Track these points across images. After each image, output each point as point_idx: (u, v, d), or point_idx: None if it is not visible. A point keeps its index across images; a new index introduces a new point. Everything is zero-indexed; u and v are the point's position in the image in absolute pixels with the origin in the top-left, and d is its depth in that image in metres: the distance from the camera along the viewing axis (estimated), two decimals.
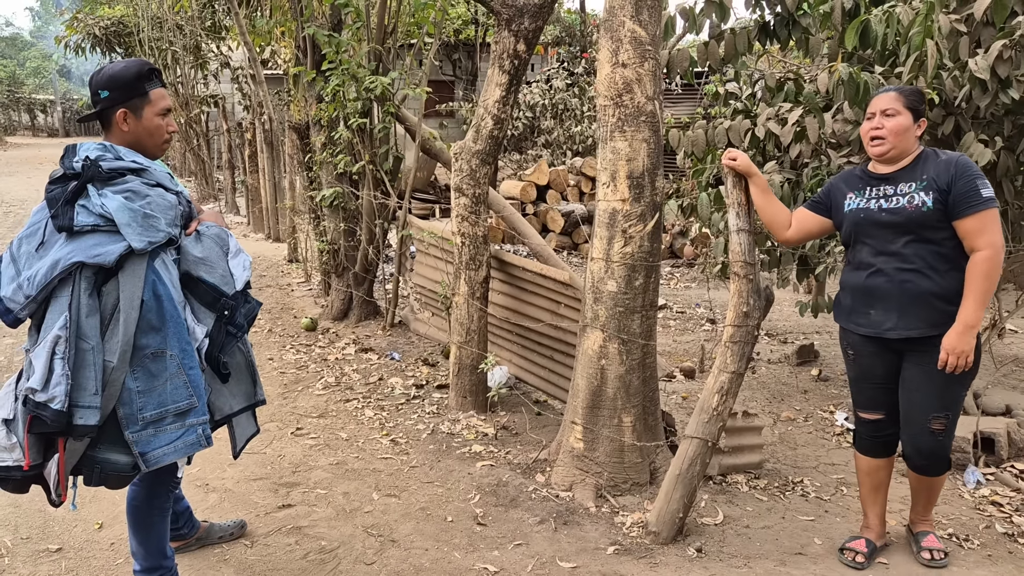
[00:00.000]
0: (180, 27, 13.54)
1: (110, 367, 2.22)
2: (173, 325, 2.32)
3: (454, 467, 3.96)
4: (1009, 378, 5.48)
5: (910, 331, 2.92)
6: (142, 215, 2.29)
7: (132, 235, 2.25)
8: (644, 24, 3.43)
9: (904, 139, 2.92)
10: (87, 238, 2.24)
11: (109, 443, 2.29)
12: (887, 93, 2.95)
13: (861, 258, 3.03)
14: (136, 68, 2.47)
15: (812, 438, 4.53)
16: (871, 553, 3.16)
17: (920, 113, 2.94)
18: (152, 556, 2.67)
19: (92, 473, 2.32)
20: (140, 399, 2.27)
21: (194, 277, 2.43)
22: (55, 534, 3.30)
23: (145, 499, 2.64)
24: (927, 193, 2.84)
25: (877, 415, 3.15)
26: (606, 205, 3.59)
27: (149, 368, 2.29)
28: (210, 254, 2.48)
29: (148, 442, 2.29)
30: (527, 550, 3.21)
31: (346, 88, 5.87)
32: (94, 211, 2.26)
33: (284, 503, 3.59)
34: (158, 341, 2.30)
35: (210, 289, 2.45)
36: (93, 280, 2.23)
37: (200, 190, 15.99)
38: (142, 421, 2.28)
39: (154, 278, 2.30)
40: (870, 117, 2.97)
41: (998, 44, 3.67)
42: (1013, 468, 4.02)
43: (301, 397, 5.01)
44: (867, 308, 3.02)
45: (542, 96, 13.13)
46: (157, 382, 2.30)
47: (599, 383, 3.66)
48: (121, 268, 2.25)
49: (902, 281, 2.90)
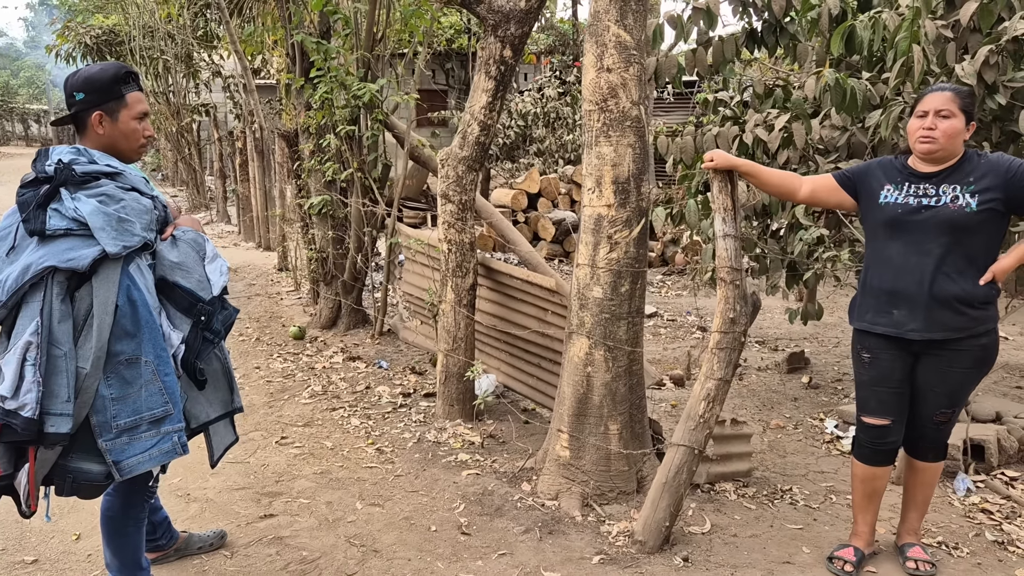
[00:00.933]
0: (172, 36, 13.52)
1: (83, 374, 2.17)
2: (148, 331, 2.28)
3: (439, 476, 3.92)
4: (999, 385, 5.46)
5: (933, 334, 2.88)
6: (116, 219, 2.25)
7: (106, 239, 2.21)
8: (629, 29, 3.42)
9: (955, 142, 2.84)
10: (60, 242, 2.20)
11: (82, 452, 2.24)
12: (942, 93, 2.85)
13: (890, 255, 2.95)
14: (113, 71, 2.43)
15: (802, 446, 4.49)
16: (859, 562, 3.13)
17: (972, 116, 2.86)
18: (127, 568, 2.62)
19: (64, 483, 2.27)
20: (114, 406, 2.23)
21: (170, 282, 2.39)
22: (31, 545, 3.25)
23: (120, 509, 2.59)
24: (973, 196, 2.79)
25: (884, 420, 3.04)
26: (591, 211, 3.56)
27: (123, 375, 2.25)
28: (186, 259, 2.44)
29: (122, 450, 2.25)
30: (511, 560, 3.16)
31: (335, 95, 5.85)
32: (67, 215, 2.22)
33: (266, 513, 3.54)
34: (133, 347, 2.26)
35: (186, 294, 2.41)
36: (66, 285, 2.19)
37: (192, 199, 15.96)
38: (116, 429, 2.24)
39: (128, 283, 2.26)
40: (922, 115, 2.87)
41: (984, 50, 3.66)
42: (1003, 475, 3.99)
43: (287, 406, 4.96)
44: (890, 308, 2.95)
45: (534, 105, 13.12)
46: (131, 389, 2.26)
47: (585, 390, 3.62)
48: (95, 273, 2.21)
49: (932, 283, 2.84)
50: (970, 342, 2.86)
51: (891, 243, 2.95)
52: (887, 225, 2.95)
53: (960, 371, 2.91)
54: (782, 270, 4.74)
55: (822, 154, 4.29)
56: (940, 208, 2.83)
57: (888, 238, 2.96)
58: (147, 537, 3.04)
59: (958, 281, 2.83)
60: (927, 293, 2.85)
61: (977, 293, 2.83)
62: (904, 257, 2.90)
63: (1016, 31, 3.62)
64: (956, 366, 2.91)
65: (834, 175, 3.16)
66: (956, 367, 2.91)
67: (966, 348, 2.87)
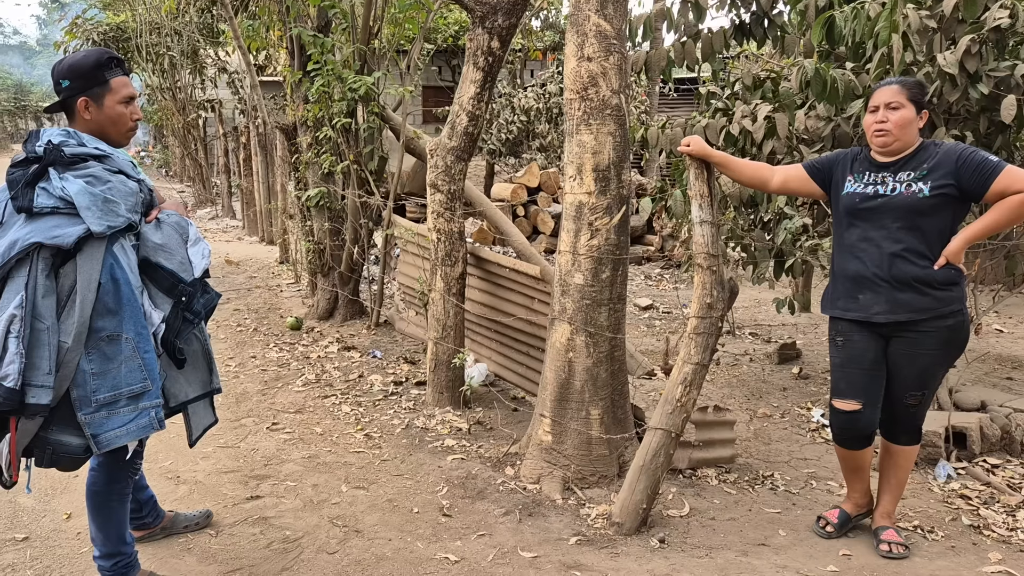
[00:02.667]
0: (178, 32, 13.63)
1: (64, 348, 2.24)
2: (129, 309, 2.34)
3: (425, 460, 3.98)
4: (990, 376, 5.48)
5: (898, 315, 2.95)
6: (102, 199, 2.31)
7: (92, 219, 2.27)
8: (609, 18, 3.46)
9: (907, 131, 2.95)
10: (46, 220, 2.27)
11: (62, 425, 2.31)
12: (889, 86, 2.97)
13: (851, 242, 3.05)
14: (95, 57, 2.49)
15: (787, 434, 4.53)
16: (843, 523, 3.25)
17: (922, 105, 2.96)
18: (111, 542, 2.68)
19: (44, 454, 2.34)
20: (94, 381, 2.30)
21: (152, 263, 2.46)
22: (23, 524, 3.32)
23: (104, 484, 2.65)
24: (925, 182, 2.89)
25: (855, 404, 3.08)
26: (572, 198, 3.61)
27: (104, 351, 2.31)
28: (169, 241, 2.51)
29: (101, 424, 2.32)
30: (490, 540, 3.22)
31: (331, 88, 5.91)
32: (55, 194, 2.29)
33: (253, 495, 3.61)
34: (114, 324, 2.32)
35: (168, 275, 2.47)
36: (51, 261, 2.26)
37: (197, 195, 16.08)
38: (95, 403, 2.30)
39: (112, 262, 2.33)
40: (873, 110, 2.99)
41: (966, 39, 3.69)
42: (985, 463, 4.02)
43: (280, 393, 5.03)
44: (856, 293, 3.04)
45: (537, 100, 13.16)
46: (112, 365, 2.32)
47: (567, 376, 3.67)
48: (79, 251, 2.28)
49: (891, 266, 2.93)
50: (936, 323, 2.92)
51: (852, 230, 3.05)
52: (848, 213, 3.06)
53: (927, 352, 2.97)
54: (769, 260, 4.77)
55: (807, 144, 4.33)
56: (895, 196, 2.93)
57: (849, 226, 3.07)
58: (133, 515, 3.12)
59: (918, 263, 2.91)
60: (887, 276, 2.94)
61: (936, 275, 2.90)
62: (864, 243, 3.00)
63: (997, 20, 3.65)
64: (923, 348, 2.96)
65: (804, 165, 3.25)
66: (923, 349, 2.96)
67: (932, 329, 2.93)
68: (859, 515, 3.33)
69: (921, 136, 3.04)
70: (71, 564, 3.01)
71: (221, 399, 4.88)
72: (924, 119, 2.98)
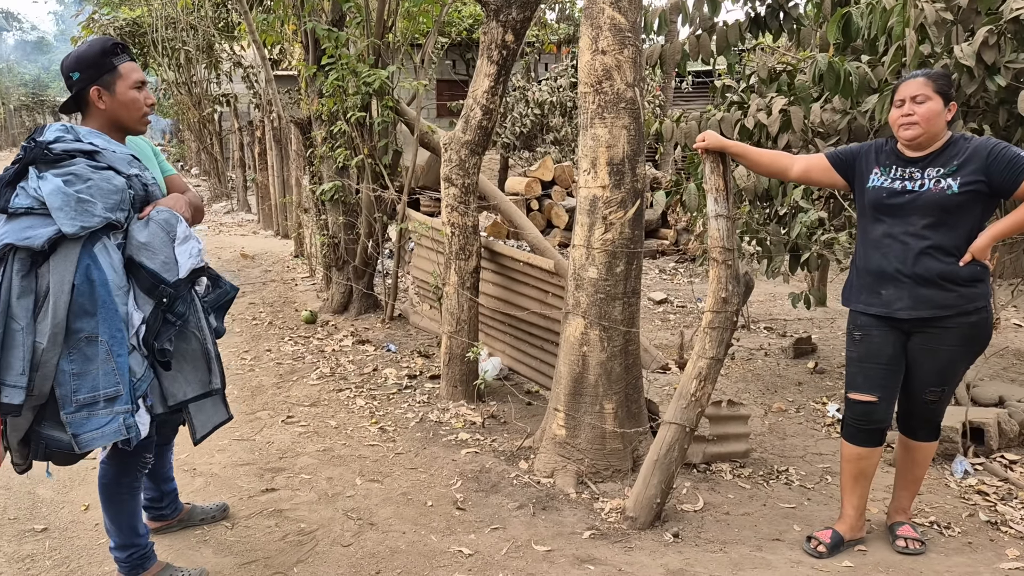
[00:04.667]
0: (194, 27, 13.69)
1: (40, 348, 2.22)
2: (104, 311, 2.30)
3: (439, 454, 3.99)
4: (1008, 371, 5.43)
5: (920, 311, 2.91)
6: (76, 199, 2.26)
7: (63, 219, 2.24)
8: (624, 11, 3.44)
9: (935, 124, 2.88)
10: (21, 220, 2.25)
11: (52, 421, 2.31)
12: (915, 79, 2.91)
13: (876, 236, 3.01)
14: (100, 45, 2.49)
15: (802, 428, 4.51)
16: (835, 545, 3.12)
17: (950, 97, 2.90)
18: (124, 534, 2.72)
19: (38, 448, 2.36)
20: (74, 381, 2.28)
21: (136, 262, 2.41)
22: (42, 515, 3.36)
23: (114, 477, 2.68)
24: (954, 178, 2.83)
25: (870, 397, 3.04)
26: (587, 192, 3.60)
27: (84, 352, 2.29)
28: (153, 240, 2.43)
29: (81, 424, 2.29)
30: (503, 534, 3.23)
31: (346, 83, 5.92)
32: (31, 193, 2.27)
33: (268, 487, 3.63)
34: (92, 326, 2.29)
35: (149, 275, 2.41)
36: (28, 262, 2.23)
37: (213, 189, 16.16)
38: (76, 403, 2.28)
39: (89, 262, 2.29)
40: (899, 104, 2.93)
41: (983, 31, 3.65)
42: (1003, 459, 3.99)
43: (295, 387, 5.05)
44: (878, 288, 3.00)
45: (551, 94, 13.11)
46: (91, 366, 2.29)
47: (581, 370, 3.67)
48: (54, 251, 2.25)
49: (916, 262, 2.89)
50: (959, 319, 2.88)
51: (877, 225, 3.00)
52: (873, 208, 3.01)
53: (949, 349, 2.93)
54: (785, 254, 4.75)
55: (823, 138, 4.29)
56: (923, 192, 2.88)
57: (874, 220, 3.02)
58: (153, 505, 3.15)
59: (942, 260, 2.86)
60: (910, 272, 2.90)
61: (961, 271, 2.86)
62: (889, 239, 2.95)
63: (1015, 11, 3.60)
64: (945, 344, 2.92)
65: (827, 155, 3.19)
66: (945, 345, 2.92)
67: (954, 326, 2.89)
68: (853, 540, 3.19)
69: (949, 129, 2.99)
70: (89, 555, 3.04)
71: (237, 392, 4.92)
72: (952, 111, 2.91)
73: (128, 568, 2.75)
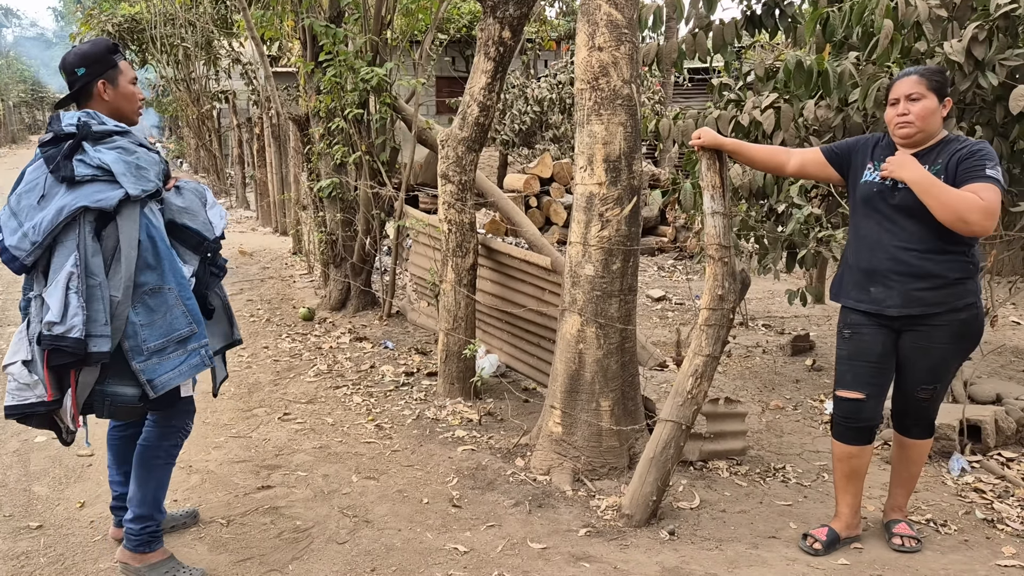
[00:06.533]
0: (192, 23, 13.66)
1: (115, 301, 2.45)
2: (168, 262, 2.56)
3: (435, 451, 3.99)
4: (1006, 368, 5.43)
5: (911, 309, 2.89)
6: (135, 166, 2.54)
7: (128, 183, 2.49)
8: (620, 7, 3.43)
9: (930, 122, 2.87)
10: (87, 187, 2.47)
11: (117, 377, 2.52)
12: (908, 77, 2.89)
13: (866, 232, 2.99)
14: (104, 44, 2.74)
15: (799, 426, 4.51)
16: (831, 543, 3.11)
17: (944, 93, 2.88)
18: (146, 503, 2.79)
19: (103, 406, 2.55)
20: (143, 331, 2.51)
21: (179, 224, 2.68)
22: (37, 512, 3.36)
23: (156, 439, 2.80)
24: (939, 177, 2.81)
25: (858, 394, 3.03)
26: (583, 189, 3.59)
27: (148, 303, 2.53)
28: (192, 204, 2.73)
29: (154, 369, 2.52)
30: (499, 531, 3.22)
31: (343, 79, 5.91)
32: (92, 164, 2.49)
33: (264, 484, 3.63)
34: (155, 278, 2.53)
35: (194, 234, 2.71)
36: (95, 224, 2.46)
37: (212, 185, 16.14)
38: (147, 351, 2.51)
39: (147, 222, 2.54)
40: (894, 103, 2.92)
41: (972, 26, 3.64)
42: (999, 456, 3.98)
43: (292, 384, 5.05)
44: (868, 285, 2.98)
45: (550, 91, 13.09)
46: (156, 315, 2.53)
47: (577, 367, 3.66)
48: (118, 213, 2.48)
49: (905, 260, 2.87)
50: (949, 316, 2.87)
51: (867, 221, 2.99)
52: (864, 203, 3.00)
53: (940, 346, 2.92)
54: (781, 251, 4.74)
55: (817, 135, 4.28)
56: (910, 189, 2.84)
57: (865, 216, 3.01)
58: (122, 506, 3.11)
59: (932, 258, 2.85)
60: (900, 270, 2.89)
61: (953, 270, 2.84)
62: (878, 235, 2.95)
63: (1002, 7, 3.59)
64: (935, 341, 2.91)
65: (822, 149, 3.19)
66: (936, 342, 2.92)
67: (945, 323, 2.88)
68: (849, 538, 3.17)
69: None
70: (84, 552, 3.04)
71: (233, 388, 4.92)
72: (948, 107, 2.90)
73: (136, 543, 2.80)
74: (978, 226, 2.70)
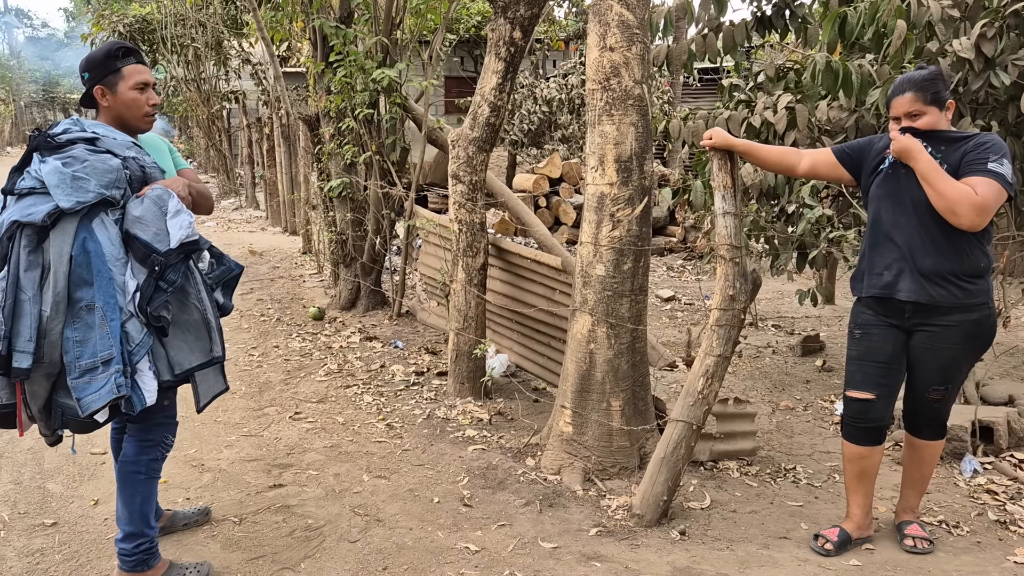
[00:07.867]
0: (202, 24, 13.72)
1: (45, 316, 2.40)
2: (100, 279, 2.45)
3: (446, 451, 4.00)
4: (1019, 369, 5.40)
5: (920, 297, 2.87)
6: (71, 177, 2.44)
7: (60, 195, 2.42)
8: (632, 8, 3.43)
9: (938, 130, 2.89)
10: (25, 200, 2.45)
11: (65, 389, 2.45)
12: (903, 95, 2.87)
13: (880, 228, 2.99)
14: (106, 48, 2.72)
15: (810, 427, 4.50)
16: (843, 543, 3.10)
17: (943, 99, 2.87)
18: (135, 520, 2.72)
19: (56, 417, 2.51)
20: (77, 348, 2.42)
21: (131, 235, 2.56)
22: (52, 510, 3.38)
23: (133, 455, 2.73)
24: (943, 165, 2.80)
25: (867, 395, 3.03)
26: (594, 189, 3.60)
27: (85, 320, 2.44)
28: (146, 213, 2.57)
29: (83, 389, 2.42)
30: (510, 530, 3.23)
31: (354, 80, 5.93)
32: (33, 176, 2.48)
33: (276, 483, 3.65)
34: (90, 295, 2.44)
35: (142, 246, 2.54)
36: (35, 238, 2.41)
37: (222, 185, 16.21)
38: (79, 369, 2.42)
39: (85, 235, 2.44)
40: (895, 121, 2.92)
41: (980, 24, 3.63)
42: (1012, 457, 3.97)
43: (303, 383, 5.07)
44: (881, 270, 2.97)
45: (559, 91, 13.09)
46: (92, 333, 2.43)
47: (588, 367, 3.67)
48: (54, 226, 2.42)
49: (916, 257, 2.87)
50: (960, 316, 2.86)
51: (881, 217, 2.99)
52: (879, 199, 2.99)
53: (951, 347, 2.91)
54: (791, 252, 4.73)
55: (830, 135, 4.27)
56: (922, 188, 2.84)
57: (877, 212, 3.00)
58: None
59: (944, 253, 2.84)
60: (913, 266, 2.88)
61: (964, 265, 2.84)
62: (893, 230, 2.94)
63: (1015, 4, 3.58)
64: (947, 342, 2.90)
65: (833, 150, 3.18)
66: (947, 343, 2.91)
67: (956, 323, 2.87)
68: (860, 539, 3.16)
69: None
70: (98, 549, 3.06)
71: (244, 388, 4.94)
72: (951, 108, 2.90)
73: (132, 563, 2.73)
74: (966, 219, 2.70)
